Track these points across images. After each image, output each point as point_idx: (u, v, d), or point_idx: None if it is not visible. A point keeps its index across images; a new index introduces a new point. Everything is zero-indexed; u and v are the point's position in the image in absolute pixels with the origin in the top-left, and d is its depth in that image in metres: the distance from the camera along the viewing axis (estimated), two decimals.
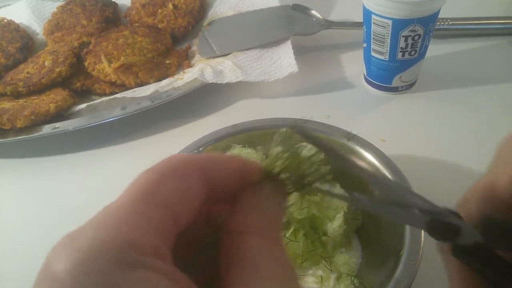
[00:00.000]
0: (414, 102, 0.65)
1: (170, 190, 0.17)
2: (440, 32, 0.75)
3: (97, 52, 0.74)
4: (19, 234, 0.55)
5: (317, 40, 0.77)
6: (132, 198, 0.17)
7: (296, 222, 0.42)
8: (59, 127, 0.64)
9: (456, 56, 0.73)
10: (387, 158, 0.45)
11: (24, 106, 0.67)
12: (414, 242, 0.38)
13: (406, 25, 0.57)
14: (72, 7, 0.88)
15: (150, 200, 0.17)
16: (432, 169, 0.55)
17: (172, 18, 0.84)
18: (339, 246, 0.44)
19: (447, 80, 0.68)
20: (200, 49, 0.77)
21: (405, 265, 0.36)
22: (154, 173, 0.18)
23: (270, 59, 0.70)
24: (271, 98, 0.70)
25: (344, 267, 0.42)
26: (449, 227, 0.21)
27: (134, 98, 0.68)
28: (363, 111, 0.65)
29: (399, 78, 0.64)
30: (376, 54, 0.62)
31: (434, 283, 0.43)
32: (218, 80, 0.67)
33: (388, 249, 0.41)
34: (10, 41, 0.83)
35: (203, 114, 0.68)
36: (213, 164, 0.20)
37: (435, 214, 0.20)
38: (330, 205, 0.43)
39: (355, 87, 0.69)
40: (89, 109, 0.69)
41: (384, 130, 0.60)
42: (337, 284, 0.41)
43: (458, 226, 0.20)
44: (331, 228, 0.42)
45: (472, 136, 0.59)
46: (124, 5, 0.92)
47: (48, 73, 0.72)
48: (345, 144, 0.47)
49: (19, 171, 0.65)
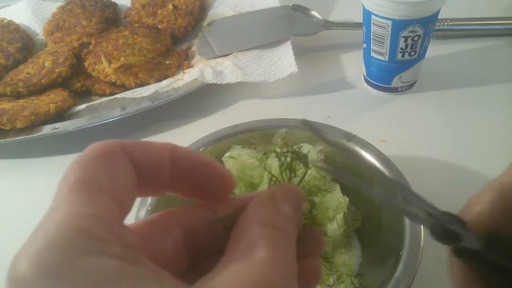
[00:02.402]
0: (414, 103, 0.65)
1: (102, 176, 0.18)
2: (440, 32, 0.75)
3: (97, 52, 0.74)
4: (19, 234, 0.55)
5: (317, 40, 0.77)
6: (71, 192, 0.17)
7: None
8: (59, 127, 0.64)
9: (456, 56, 0.73)
10: (386, 159, 0.45)
11: (24, 106, 0.67)
12: (414, 242, 0.38)
13: (405, 26, 0.57)
14: (72, 7, 0.88)
15: (88, 189, 0.17)
16: (432, 169, 0.55)
17: (172, 19, 0.84)
18: (339, 246, 0.44)
19: (447, 81, 0.68)
20: (200, 49, 0.77)
21: (405, 265, 0.37)
22: (79, 164, 0.18)
23: (270, 60, 0.70)
24: (271, 99, 0.70)
25: (344, 267, 0.42)
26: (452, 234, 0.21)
27: (134, 98, 0.68)
28: (363, 112, 0.65)
29: (399, 78, 0.64)
30: (376, 54, 0.62)
31: (434, 283, 0.43)
32: (218, 80, 0.67)
33: (388, 249, 0.41)
34: (10, 41, 0.83)
35: (203, 115, 0.68)
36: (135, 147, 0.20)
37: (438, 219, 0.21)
38: (330, 206, 0.43)
39: (355, 87, 0.70)
40: (89, 109, 0.69)
41: (384, 131, 0.60)
42: (337, 284, 0.41)
43: (460, 235, 0.20)
44: (331, 228, 0.42)
45: (472, 137, 0.59)
46: (124, 6, 0.92)
47: (48, 73, 0.72)
48: (345, 145, 0.47)
49: (19, 171, 0.65)
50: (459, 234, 0.20)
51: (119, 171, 0.19)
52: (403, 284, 0.35)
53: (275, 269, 0.17)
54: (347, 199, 0.44)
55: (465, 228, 0.21)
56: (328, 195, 0.43)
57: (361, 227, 0.46)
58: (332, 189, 0.44)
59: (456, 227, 0.21)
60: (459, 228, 0.21)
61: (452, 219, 0.21)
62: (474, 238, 0.21)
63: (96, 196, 0.17)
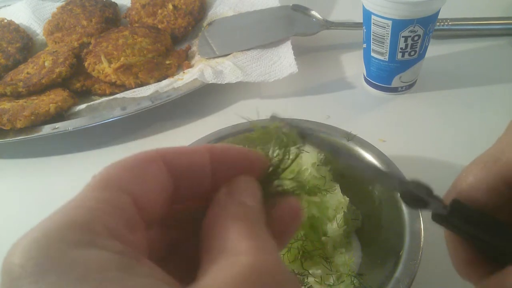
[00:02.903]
0: (414, 103, 0.65)
1: (128, 177, 0.18)
2: (440, 32, 0.75)
3: (97, 52, 0.74)
4: (19, 234, 0.55)
5: (317, 40, 0.77)
6: (89, 187, 0.18)
7: None
8: (59, 127, 0.64)
9: (456, 56, 0.73)
10: (386, 159, 0.45)
11: (24, 106, 0.67)
12: (414, 242, 0.38)
13: (405, 26, 0.57)
14: (72, 7, 0.88)
15: (106, 186, 0.18)
16: (431, 169, 0.55)
17: (172, 19, 0.84)
18: (339, 246, 0.44)
19: (447, 80, 0.68)
20: (200, 49, 0.77)
21: (405, 265, 0.37)
22: (112, 165, 0.19)
23: (270, 60, 0.70)
24: (271, 99, 0.70)
25: (344, 267, 0.42)
26: (418, 199, 0.24)
27: (134, 98, 0.68)
28: (363, 112, 0.65)
29: (399, 78, 0.64)
30: (376, 54, 0.62)
31: (434, 283, 0.43)
32: (218, 80, 0.67)
33: (388, 249, 0.41)
34: (10, 41, 0.83)
35: (203, 114, 0.68)
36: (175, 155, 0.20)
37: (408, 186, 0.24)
38: (330, 205, 0.43)
39: (355, 87, 0.70)
40: (89, 109, 0.69)
41: (384, 131, 0.60)
42: (337, 284, 0.41)
43: (426, 201, 0.24)
44: (331, 228, 0.42)
45: (472, 136, 0.59)
46: (124, 6, 0.92)
47: (48, 73, 0.72)
48: (345, 145, 0.47)
49: (19, 171, 0.65)
50: (425, 200, 0.24)
51: (152, 177, 0.19)
52: (403, 284, 0.35)
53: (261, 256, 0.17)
54: (347, 199, 0.44)
55: (432, 196, 0.24)
56: (328, 195, 0.43)
57: (361, 227, 0.46)
58: (332, 189, 0.44)
59: (422, 194, 0.23)
60: (425, 195, 0.23)
61: (420, 187, 0.24)
62: (440, 205, 0.24)
63: (112, 193, 0.17)
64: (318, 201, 0.43)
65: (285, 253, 0.41)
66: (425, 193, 0.24)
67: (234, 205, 0.20)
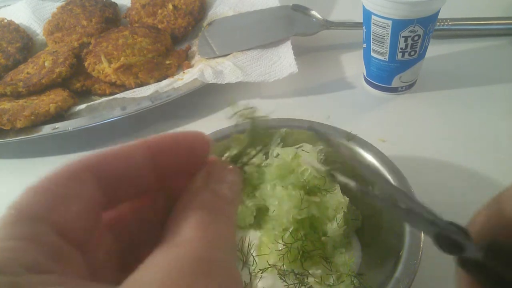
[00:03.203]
0: (414, 103, 0.65)
1: (45, 202, 0.17)
2: (440, 32, 0.75)
3: (97, 52, 0.74)
4: None
5: (317, 40, 0.77)
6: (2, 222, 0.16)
7: (296, 222, 0.42)
8: (59, 127, 0.64)
9: (456, 56, 0.73)
10: (386, 159, 0.45)
11: (24, 106, 0.67)
12: (414, 242, 0.38)
13: (405, 26, 0.57)
14: (72, 7, 0.88)
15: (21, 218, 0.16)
16: (431, 169, 0.55)
17: (172, 19, 0.84)
18: (339, 246, 0.44)
19: (447, 80, 0.68)
20: (200, 49, 0.77)
21: (405, 265, 0.37)
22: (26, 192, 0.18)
23: (270, 60, 0.70)
24: (271, 99, 0.70)
25: (344, 267, 0.42)
26: (455, 244, 0.20)
27: (134, 98, 0.68)
28: (363, 112, 0.65)
29: (399, 78, 0.64)
30: (376, 54, 0.62)
31: (434, 283, 0.43)
32: (218, 80, 0.67)
33: (388, 249, 0.41)
34: (10, 41, 0.84)
35: (203, 114, 0.68)
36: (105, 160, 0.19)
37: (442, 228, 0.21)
38: (330, 205, 0.43)
39: (355, 87, 0.70)
40: (89, 109, 0.69)
41: (384, 131, 0.60)
42: (337, 284, 0.41)
43: (464, 245, 0.20)
44: (331, 228, 0.42)
45: (472, 136, 0.59)
46: (124, 6, 0.92)
47: (48, 73, 0.72)
48: (345, 145, 0.47)
49: (19, 171, 0.65)
50: (462, 244, 0.20)
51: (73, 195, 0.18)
52: (403, 284, 0.35)
53: (207, 247, 0.16)
54: (347, 199, 0.44)
55: (468, 238, 0.21)
56: (328, 195, 0.43)
57: (361, 227, 0.46)
58: (332, 189, 0.44)
59: (459, 237, 0.20)
60: (462, 238, 0.20)
61: (455, 229, 0.21)
62: (476, 247, 0.21)
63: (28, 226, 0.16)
64: (318, 201, 0.43)
65: (285, 253, 0.41)
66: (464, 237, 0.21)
67: (205, 193, 0.19)
